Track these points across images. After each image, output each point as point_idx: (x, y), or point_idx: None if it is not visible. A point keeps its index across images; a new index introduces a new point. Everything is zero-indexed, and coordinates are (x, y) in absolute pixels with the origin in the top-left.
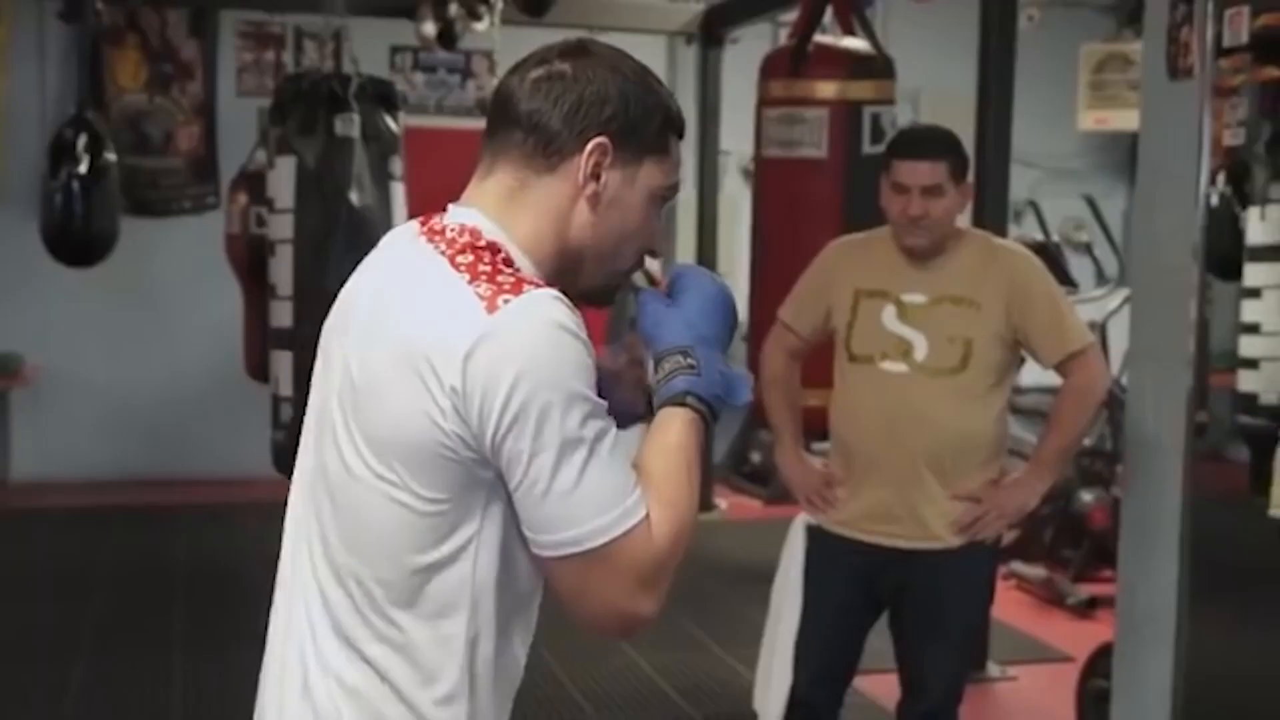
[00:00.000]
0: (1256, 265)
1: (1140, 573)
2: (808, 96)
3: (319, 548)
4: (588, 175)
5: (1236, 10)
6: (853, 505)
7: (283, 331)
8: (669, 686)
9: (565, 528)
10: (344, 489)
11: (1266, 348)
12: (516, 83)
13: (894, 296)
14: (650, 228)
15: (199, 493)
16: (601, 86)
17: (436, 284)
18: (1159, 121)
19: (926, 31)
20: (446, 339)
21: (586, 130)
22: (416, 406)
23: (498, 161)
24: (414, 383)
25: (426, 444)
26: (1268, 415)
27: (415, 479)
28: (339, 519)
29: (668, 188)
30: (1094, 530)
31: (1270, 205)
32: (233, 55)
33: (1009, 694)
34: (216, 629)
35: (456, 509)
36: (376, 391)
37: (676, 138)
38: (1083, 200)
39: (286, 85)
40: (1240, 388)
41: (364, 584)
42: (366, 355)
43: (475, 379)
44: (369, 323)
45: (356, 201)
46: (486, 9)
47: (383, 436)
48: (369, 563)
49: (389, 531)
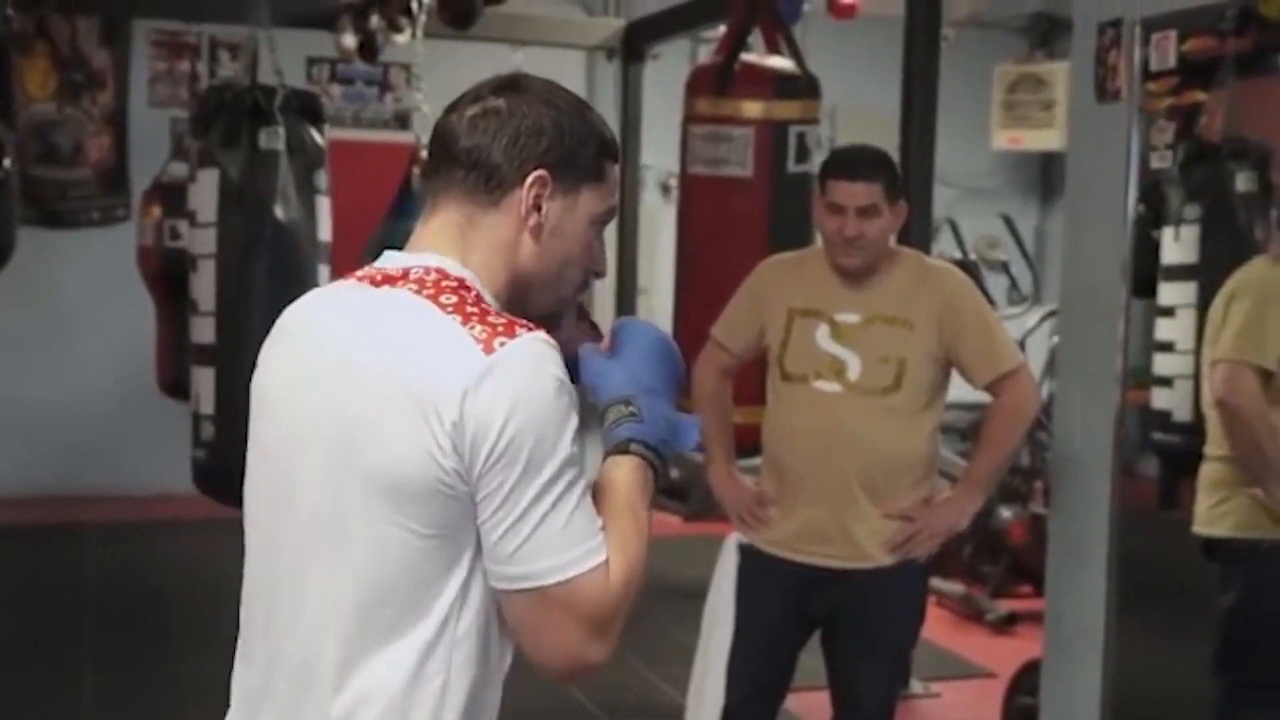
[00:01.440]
0: (1171, 284)
1: (1068, 589)
2: (734, 115)
3: (299, 591)
4: (529, 207)
5: (1164, 34)
6: (786, 525)
7: (204, 348)
8: (595, 706)
9: (527, 561)
10: (333, 527)
11: (1180, 366)
12: (455, 121)
13: (828, 316)
14: (592, 252)
15: (109, 509)
16: (536, 119)
17: (430, 327)
18: (1087, 143)
19: (843, 49)
20: (447, 379)
21: (525, 163)
22: (418, 445)
23: (441, 200)
24: (416, 422)
25: (427, 481)
26: (1181, 432)
27: (414, 516)
28: (332, 558)
29: (606, 212)
30: (1012, 546)
31: (1184, 226)
32: (145, 65)
33: (933, 711)
34: (130, 649)
35: (451, 545)
36: (376, 431)
37: (612, 163)
38: (996, 218)
39: (209, 96)
40: (1154, 405)
41: (356, 621)
42: (358, 397)
43: (471, 415)
44: (353, 365)
45: (282, 216)
46: (408, 21)
47: (382, 474)
48: (358, 600)
49: (386, 568)
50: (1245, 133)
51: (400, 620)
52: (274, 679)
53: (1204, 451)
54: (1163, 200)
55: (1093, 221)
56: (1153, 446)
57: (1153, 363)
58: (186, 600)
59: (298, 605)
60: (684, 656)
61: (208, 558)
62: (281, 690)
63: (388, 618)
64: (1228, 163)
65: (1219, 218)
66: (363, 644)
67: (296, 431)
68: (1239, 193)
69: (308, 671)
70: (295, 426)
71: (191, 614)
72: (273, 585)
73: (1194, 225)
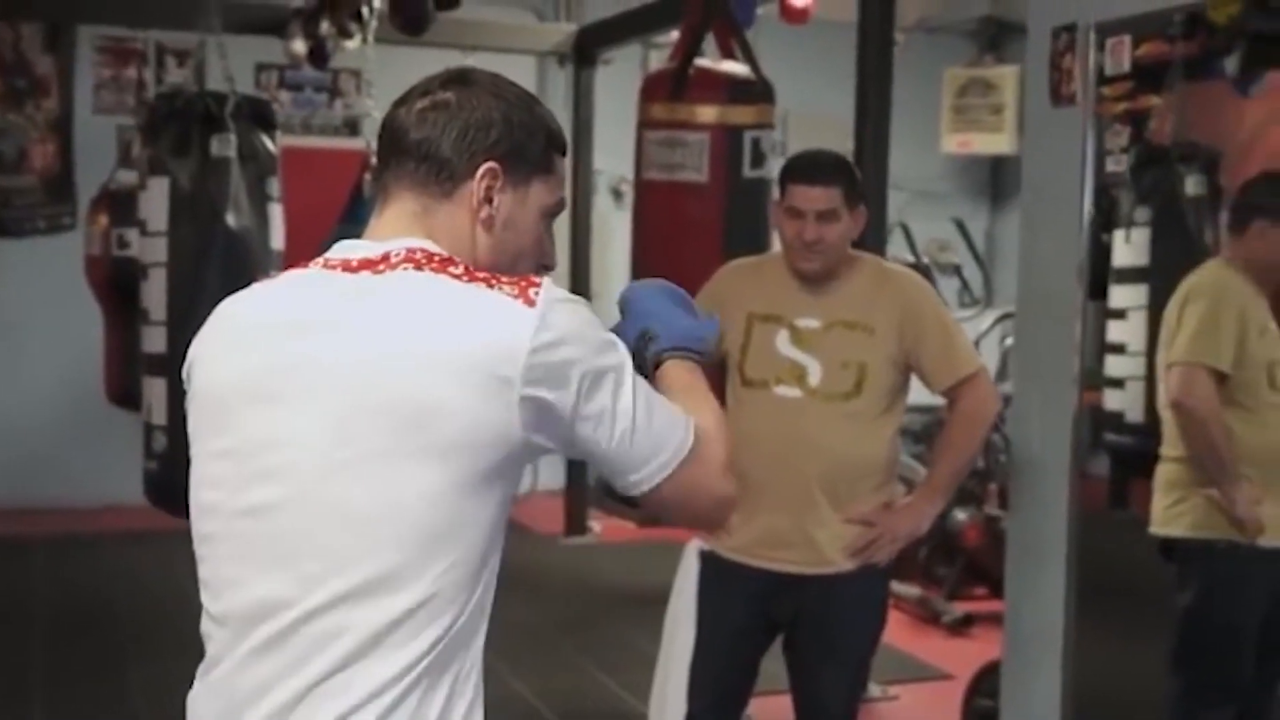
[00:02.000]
0: (1122, 287)
1: (1027, 591)
2: (689, 120)
3: (306, 583)
4: (481, 199)
5: (1119, 39)
6: (746, 531)
7: (155, 357)
8: (555, 715)
9: (667, 446)
10: (367, 510)
11: (1132, 367)
12: (404, 114)
13: (788, 321)
14: (543, 244)
15: (57, 521)
16: (485, 112)
17: (461, 297)
18: (1041, 147)
19: (794, 54)
20: (504, 339)
21: (475, 155)
22: (488, 413)
23: (394, 191)
24: (481, 389)
25: (499, 444)
26: (1134, 433)
27: (484, 478)
28: (350, 543)
29: (555, 204)
30: (968, 548)
31: (1135, 228)
32: (90, 71)
33: (892, 714)
34: (80, 663)
35: (496, 500)
36: (439, 409)
37: (560, 155)
38: (946, 222)
39: (159, 103)
40: (1106, 406)
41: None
42: (397, 382)
43: (544, 364)
44: (380, 350)
45: (233, 223)
46: (359, 27)
47: (455, 446)
48: (380, 578)
49: (431, 534)
50: (1194, 136)
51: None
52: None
53: (1160, 452)
54: (1113, 203)
55: (1048, 225)
56: (1105, 447)
57: (1104, 364)
58: (137, 613)
59: (263, 603)
60: (642, 663)
61: (158, 570)
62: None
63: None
64: (1177, 166)
65: (1169, 220)
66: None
67: (295, 422)
68: (1188, 196)
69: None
70: (292, 418)
71: (143, 626)
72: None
73: (1144, 228)
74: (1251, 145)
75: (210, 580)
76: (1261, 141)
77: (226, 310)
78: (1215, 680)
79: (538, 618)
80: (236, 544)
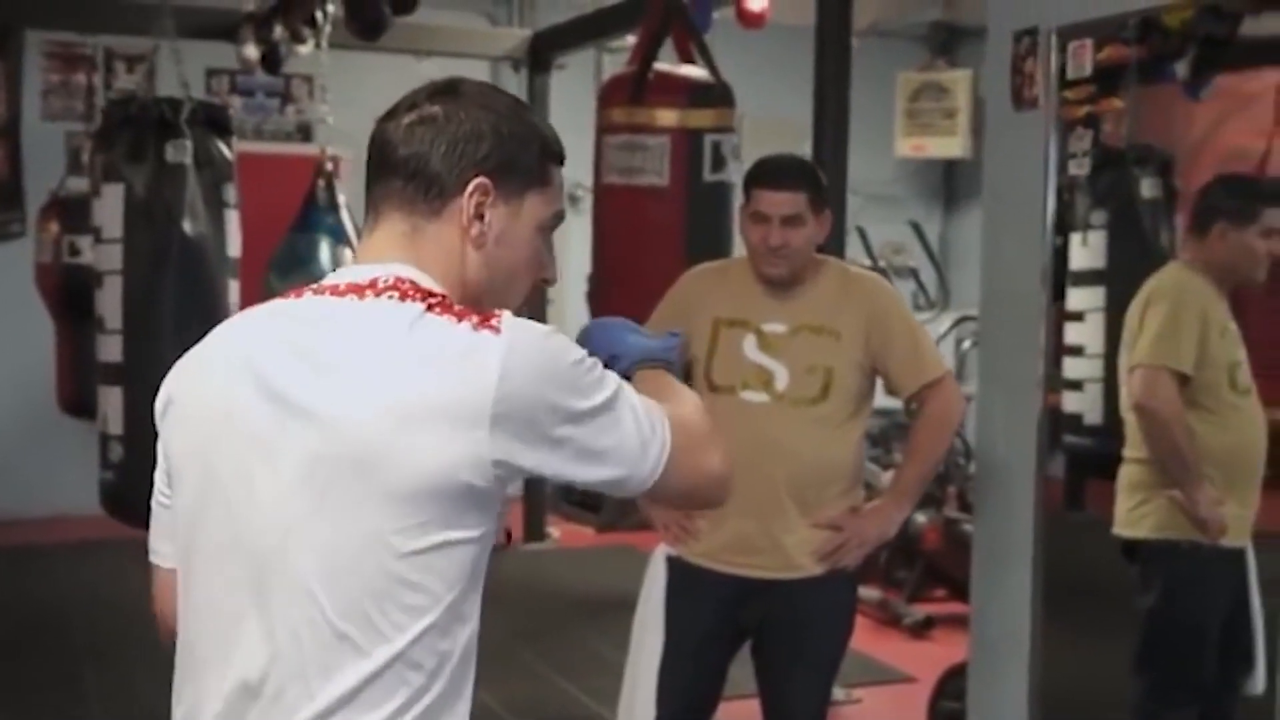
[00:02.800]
0: (1079, 289)
1: (993, 593)
2: (649, 124)
3: (286, 615)
4: (471, 216)
5: (1080, 43)
6: (714, 537)
7: (111, 366)
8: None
9: (654, 446)
10: (342, 551)
11: (1090, 369)
12: (391, 129)
13: (754, 326)
14: (540, 259)
15: (9, 533)
16: (474, 125)
17: (425, 333)
18: (1003, 151)
19: (750, 58)
20: (473, 381)
21: (465, 170)
22: (453, 450)
23: (383, 209)
24: (447, 429)
25: (462, 480)
26: (1093, 435)
27: (450, 520)
28: (332, 583)
29: (553, 217)
30: (927, 551)
31: (1092, 231)
32: (38, 77)
33: (856, 717)
34: (32, 674)
35: (467, 548)
36: (394, 450)
37: (557, 165)
38: (900, 225)
39: (113, 109)
40: (1065, 408)
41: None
42: (364, 415)
43: (510, 397)
44: (344, 383)
45: (190, 230)
46: (312, 32)
47: (415, 488)
48: (359, 623)
49: (384, 584)
50: (1148, 140)
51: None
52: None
53: (1123, 454)
54: (1070, 206)
55: (1011, 229)
56: (1064, 449)
57: (1062, 367)
58: (90, 623)
59: (243, 636)
60: (604, 668)
61: (111, 580)
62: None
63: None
64: (1132, 169)
65: (1125, 223)
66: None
67: (251, 462)
68: (1144, 198)
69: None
70: (245, 454)
71: (96, 637)
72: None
73: (1101, 231)
74: (1201, 148)
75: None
76: (1210, 144)
77: (216, 344)
78: (1179, 680)
79: (497, 625)
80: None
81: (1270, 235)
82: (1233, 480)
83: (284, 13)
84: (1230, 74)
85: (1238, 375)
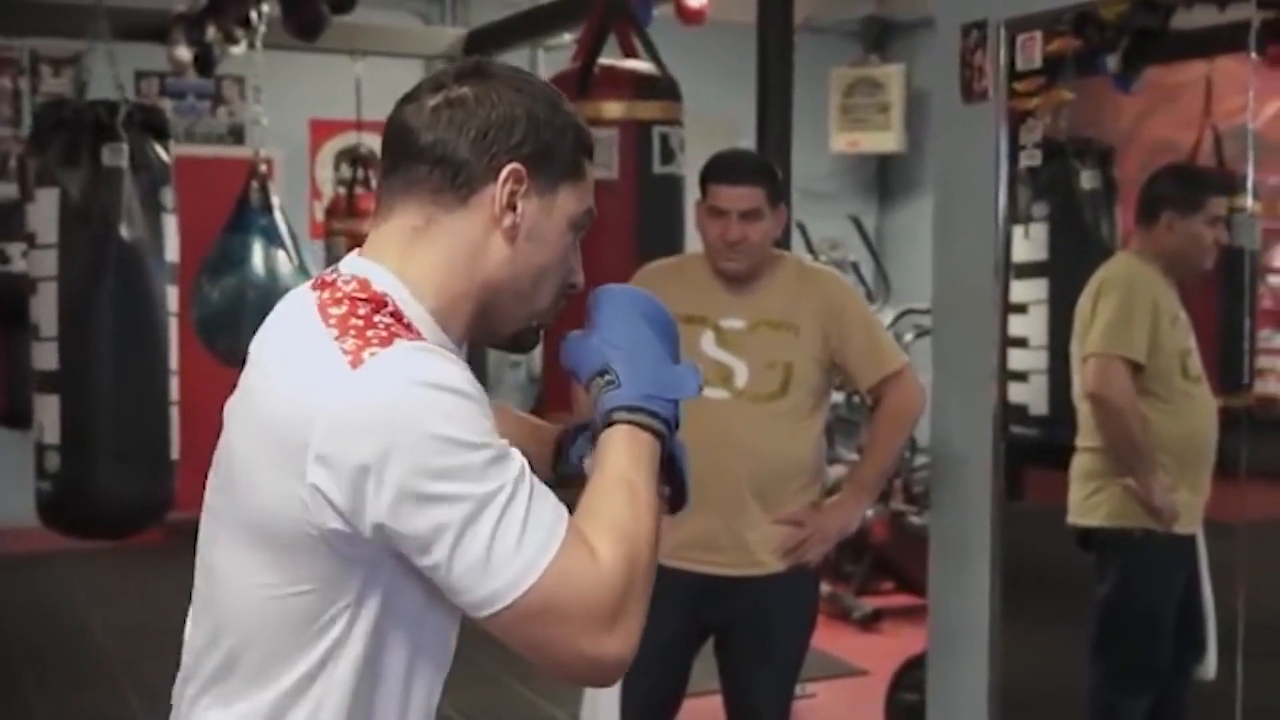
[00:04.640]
0: (1023, 281)
1: (951, 586)
2: (596, 117)
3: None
4: (503, 206)
5: (1029, 35)
6: (676, 534)
7: (47, 374)
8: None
9: (480, 586)
10: (212, 575)
11: (1034, 361)
12: (412, 113)
13: (712, 322)
14: (570, 260)
15: None
16: (508, 108)
17: (304, 343)
18: (953, 144)
19: (686, 55)
20: (309, 408)
21: (497, 157)
22: (283, 487)
23: (399, 201)
24: (279, 458)
25: (295, 527)
26: (1039, 425)
27: (281, 568)
28: (215, 609)
29: (584, 214)
30: (875, 544)
31: (1034, 224)
32: None
33: (812, 712)
34: None
35: (322, 599)
36: (247, 473)
37: (589, 158)
38: (838, 220)
39: (46, 113)
40: (1011, 399)
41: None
42: (238, 432)
43: (339, 447)
44: (247, 394)
45: (127, 235)
46: (245, 33)
47: (251, 522)
48: (233, 657)
49: (255, 624)
50: (1086, 132)
51: (260, 672)
52: None
53: (1075, 443)
54: (1013, 199)
55: (962, 222)
56: (1011, 440)
57: (1007, 358)
58: (29, 635)
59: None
60: None
61: (51, 592)
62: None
63: (247, 669)
64: (1072, 161)
65: (1066, 215)
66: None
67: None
68: (1084, 190)
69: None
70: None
71: (38, 650)
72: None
73: (1043, 223)
74: (1129, 140)
75: None
76: (1138, 137)
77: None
78: (1134, 667)
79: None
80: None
81: (1215, 223)
82: (1185, 467)
83: (216, 13)
84: (1158, 66)
85: (1189, 363)
